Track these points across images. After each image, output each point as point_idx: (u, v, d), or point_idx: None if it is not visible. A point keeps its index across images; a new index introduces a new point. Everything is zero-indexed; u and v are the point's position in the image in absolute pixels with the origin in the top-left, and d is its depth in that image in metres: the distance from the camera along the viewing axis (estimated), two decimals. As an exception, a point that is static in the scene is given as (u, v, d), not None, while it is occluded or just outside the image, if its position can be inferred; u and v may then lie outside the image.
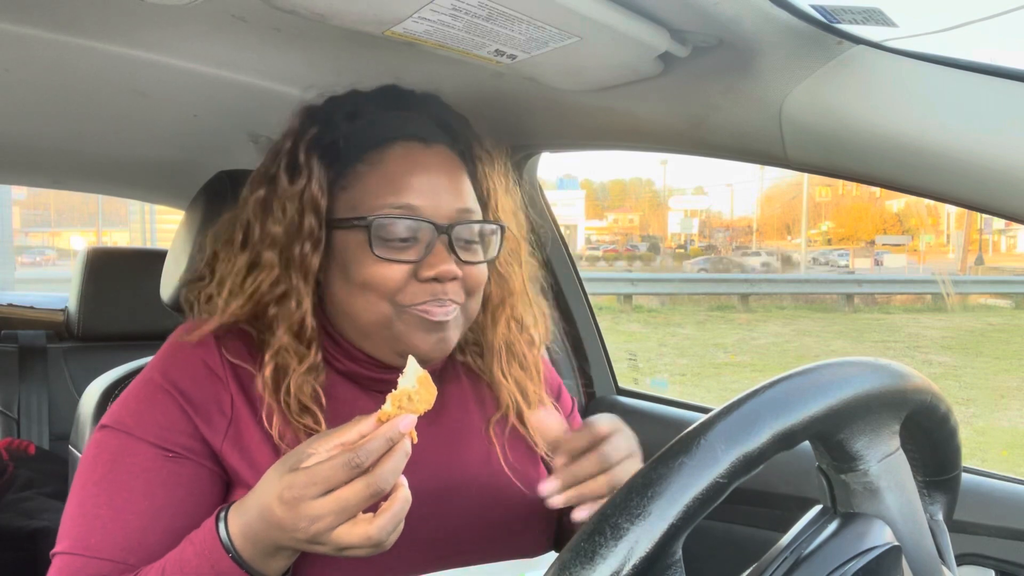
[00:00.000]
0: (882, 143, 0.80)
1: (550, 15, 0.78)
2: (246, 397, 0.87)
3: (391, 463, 0.69)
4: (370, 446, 0.68)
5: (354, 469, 0.68)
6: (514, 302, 1.01)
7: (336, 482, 0.68)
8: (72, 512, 0.83)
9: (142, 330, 2.10)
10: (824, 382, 0.56)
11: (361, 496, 0.68)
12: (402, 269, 0.87)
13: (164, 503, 0.81)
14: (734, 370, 9.32)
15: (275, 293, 0.89)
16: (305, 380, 0.87)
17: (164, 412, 0.85)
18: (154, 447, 0.83)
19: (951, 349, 10.66)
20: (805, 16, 0.79)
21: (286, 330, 0.88)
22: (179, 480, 0.83)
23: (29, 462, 1.80)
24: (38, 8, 0.94)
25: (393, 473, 0.69)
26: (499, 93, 1.12)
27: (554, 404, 1.07)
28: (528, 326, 1.05)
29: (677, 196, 45.63)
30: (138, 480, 0.82)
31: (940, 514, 0.71)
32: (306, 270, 0.88)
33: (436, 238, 0.88)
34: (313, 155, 0.91)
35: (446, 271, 0.87)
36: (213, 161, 1.48)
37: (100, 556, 0.80)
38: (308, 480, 0.68)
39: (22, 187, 11.36)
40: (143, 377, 0.89)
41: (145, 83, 1.20)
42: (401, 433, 0.70)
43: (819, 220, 45.03)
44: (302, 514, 0.68)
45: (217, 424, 0.85)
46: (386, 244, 0.87)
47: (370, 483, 0.68)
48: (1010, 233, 34.48)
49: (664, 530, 0.48)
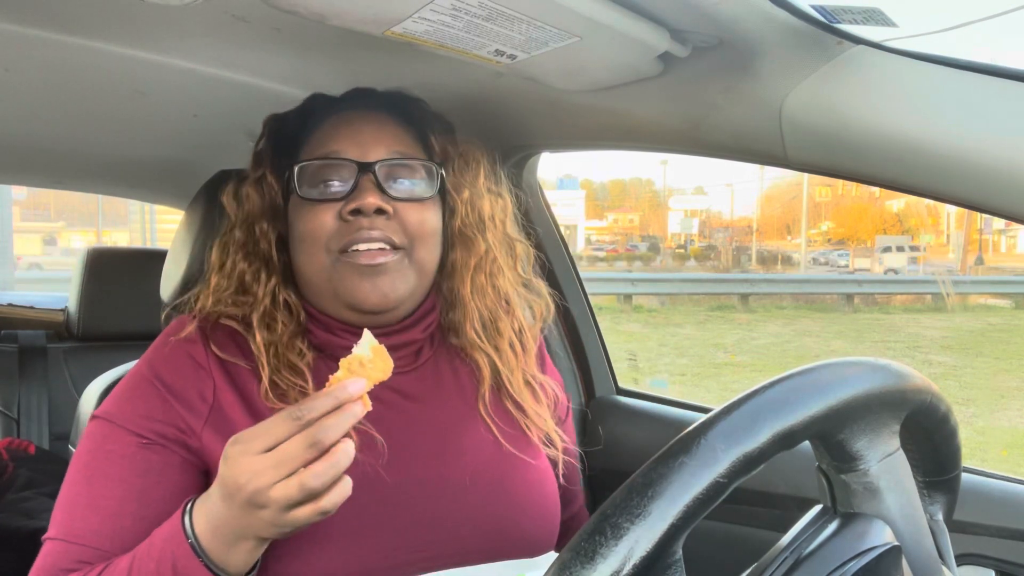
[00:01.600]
0: (882, 143, 0.80)
1: (550, 15, 0.78)
2: (231, 384, 0.89)
3: (335, 419, 0.68)
4: (315, 403, 0.68)
5: (295, 423, 0.68)
6: (484, 267, 1.01)
7: (278, 436, 0.68)
8: (60, 500, 0.86)
9: (142, 330, 2.10)
10: (824, 382, 0.56)
11: (299, 449, 0.67)
12: (330, 210, 0.90)
13: (138, 490, 0.83)
14: (734, 370, 9.32)
15: (252, 267, 0.95)
16: (292, 344, 0.92)
17: (145, 401, 0.87)
18: (132, 434, 0.86)
19: (951, 349, 10.66)
20: (805, 16, 0.79)
21: (265, 295, 0.93)
22: (151, 467, 0.85)
23: (29, 462, 1.80)
24: (38, 8, 0.94)
25: (336, 429, 0.68)
26: (499, 93, 1.12)
27: (554, 393, 1.07)
28: (515, 306, 1.04)
29: (677, 196, 45.66)
30: (115, 467, 0.84)
31: (940, 514, 0.71)
32: (269, 240, 0.95)
33: (361, 175, 0.91)
34: (270, 147, 1.00)
35: (368, 204, 0.88)
36: (213, 161, 1.48)
37: (80, 542, 0.82)
38: (251, 435, 0.70)
39: (22, 187, 11.36)
40: (132, 370, 0.93)
41: (145, 83, 1.20)
42: (350, 394, 0.69)
43: (819, 220, 45.03)
44: (243, 468, 0.68)
45: (198, 409, 0.87)
46: (313, 187, 0.92)
47: (309, 433, 0.67)
48: (1010, 233, 34.49)
49: (664, 530, 0.48)
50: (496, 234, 1.02)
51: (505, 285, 1.03)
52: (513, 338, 1.03)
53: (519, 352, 1.03)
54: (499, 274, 1.02)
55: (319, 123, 0.98)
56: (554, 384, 1.08)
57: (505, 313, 1.03)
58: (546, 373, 1.10)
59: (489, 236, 1.01)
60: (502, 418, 0.99)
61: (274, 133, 1.01)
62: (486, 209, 1.01)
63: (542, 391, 1.04)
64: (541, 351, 1.11)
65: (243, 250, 0.96)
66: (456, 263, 1.00)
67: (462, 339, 1.01)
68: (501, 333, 1.02)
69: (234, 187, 1.00)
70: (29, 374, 2.07)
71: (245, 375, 0.91)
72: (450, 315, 1.01)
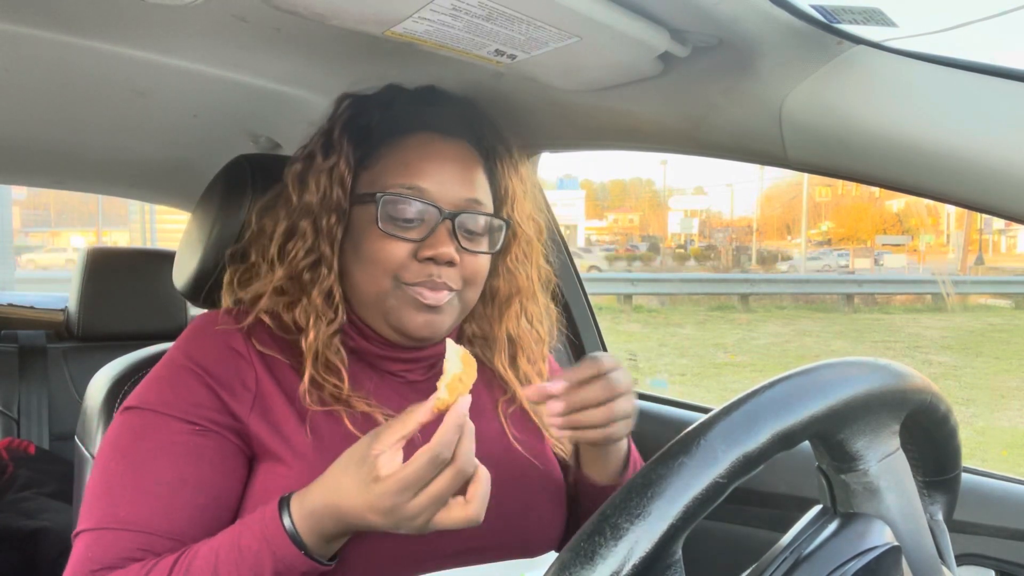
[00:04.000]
0: (882, 143, 0.80)
1: (550, 15, 0.78)
2: (271, 375, 0.90)
3: (467, 446, 0.72)
4: (446, 439, 0.71)
5: (441, 464, 0.71)
6: (522, 299, 1.05)
7: (426, 480, 0.72)
8: (96, 491, 0.84)
9: (142, 330, 2.10)
10: (824, 382, 0.56)
11: (452, 485, 0.72)
12: (404, 247, 0.92)
13: (191, 474, 0.83)
14: (734, 370, 9.31)
15: (309, 260, 0.94)
16: (331, 342, 0.93)
17: (189, 389, 0.87)
18: (181, 421, 0.85)
19: (951, 349, 10.65)
20: (805, 16, 0.79)
21: (319, 293, 0.93)
22: (204, 453, 0.85)
23: (29, 462, 1.80)
24: (38, 8, 0.94)
25: (471, 454, 0.73)
26: (499, 93, 1.12)
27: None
28: (537, 323, 1.08)
29: (677, 196, 45.62)
30: (164, 453, 0.84)
31: (940, 514, 0.71)
32: (332, 239, 0.95)
33: (440, 222, 0.92)
34: (345, 136, 0.97)
35: (443, 253, 0.91)
36: (213, 161, 1.48)
37: (133, 528, 0.80)
38: (400, 487, 0.71)
39: (22, 187, 11.36)
40: (166, 360, 0.91)
41: (145, 83, 1.20)
42: (466, 416, 0.73)
43: (819, 220, 45.01)
44: (402, 516, 0.72)
45: (242, 397, 0.88)
46: (392, 221, 0.92)
47: (457, 471, 0.72)
48: (1010, 233, 34.49)
49: (664, 530, 0.48)
50: (536, 267, 1.07)
51: (535, 311, 1.08)
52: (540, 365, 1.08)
53: (544, 376, 1.08)
54: (531, 301, 1.07)
55: (400, 131, 0.97)
56: None
57: (534, 342, 1.08)
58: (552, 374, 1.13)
59: (532, 271, 1.06)
60: (517, 421, 1.03)
61: (351, 120, 0.99)
62: (533, 246, 1.06)
63: None
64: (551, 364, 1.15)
65: (303, 241, 0.94)
66: (497, 291, 1.04)
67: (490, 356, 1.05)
68: (527, 355, 1.07)
69: (300, 168, 0.97)
70: (29, 374, 2.07)
71: (283, 368, 0.92)
72: (468, 324, 1.05)
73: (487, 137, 1.02)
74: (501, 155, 1.02)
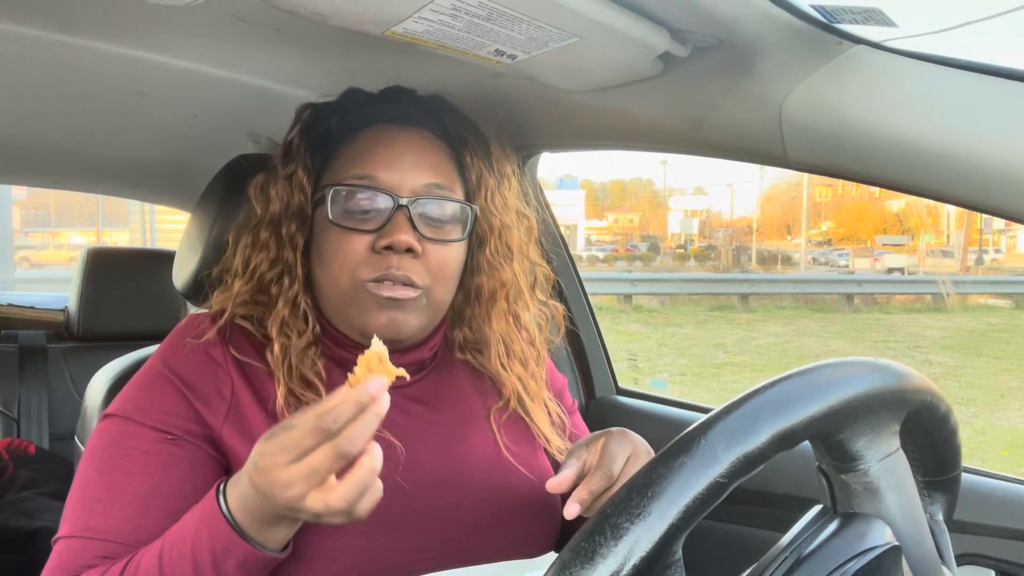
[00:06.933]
0: (882, 143, 0.80)
1: (550, 15, 0.78)
2: (248, 384, 0.89)
3: (358, 426, 0.67)
4: (338, 410, 0.67)
5: (322, 433, 0.67)
6: (508, 295, 1.01)
7: (305, 448, 0.67)
8: (73, 498, 0.84)
9: (142, 330, 2.10)
10: (824, 382, 0.56)
11: (327, 460, 0.67)
12: (361, 240, 0.89)
13: (162, 484, 0.83)
14: (734, 370, 9.31)
15: (274, 271, 0.93)
16: (305, 354, 0.90)
17: (164, 397, 0.87)
18: (154, 430, 0.85)
19: (951, 349, 10.65)
20: (805, 16, 0.79)
21: (284, 304, 0.91)
22: (177, 463, 0.84)
23: (29, 462, 1.80)
24: (38, 8, 0.94)
25: (360, 436, 0.67)
26: (499, 93, 1.12)
27: (558, 406, 1.07)
28: (527, 323, 1.05)
29: (677, 196, 45.57)
30: (137, 463, 0.84)
31: (940, 514, 0.71)
32: (295, 246, 0.93)
33: (395, 209, 0.89)
34: (303, 143, 0.96)
35: (400, 240, 0.87)
36: (213, 161, 1.48)
37: (100, 537, 0.81)
38: (279, 447, 0.68)
39: (22, 187, 11.36)
40: (146, 367, 0.91)
41: (145, 83, 1.20)
42: (371, 396, 0.68)
43: (819, 220, 45.00)
44: (274, 480, 0.68)
45: (217, 407, 0.87)
46: (347, 215, 0.90)
47: (335, 446, 0.67)
48: (1010, 233, 34.47)
49: (664, 530, 0.48)
50: (523, 263, 1.02)
51: (524, 311, 1.04)
52: (533, 367, 1.04)
53: (539, 380, 1.05)
54: (519, 299, 1.03)
55: (356, 128, 0.95)
56: (562, 412, 1.08)
57: (526, 342, 1.04)
58: (551, 378, 1.11)
59: (516, 265, 1.01)
60: (511, 429, 1.00)
61: (308, 126, 0.98)
62: (515, 240, 1.01)
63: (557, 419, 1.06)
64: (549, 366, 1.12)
65: (266, 252, 0.93)
66: (481, 289, 1.00)
67: (483, 361, 1.02)
68: (518, 357, 1.03)
69: (263, 180, 0.96)
70: (29, 374, 2.07)
71: (261, 376, 0.90)
72: (457, 331, 1.02)
73: (453, 126, 0.99)
74: (472, 145, 0.99)
